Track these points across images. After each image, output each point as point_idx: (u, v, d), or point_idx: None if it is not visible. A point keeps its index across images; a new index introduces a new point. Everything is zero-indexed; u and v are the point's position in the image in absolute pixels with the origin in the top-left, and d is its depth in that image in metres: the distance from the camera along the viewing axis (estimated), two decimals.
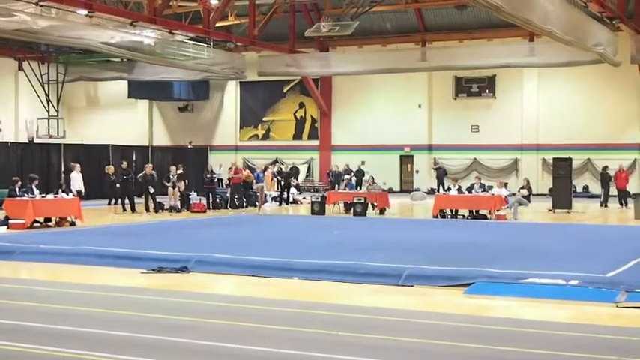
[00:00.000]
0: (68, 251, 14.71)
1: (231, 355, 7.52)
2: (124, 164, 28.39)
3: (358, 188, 32.34)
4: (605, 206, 29.56)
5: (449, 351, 7.60)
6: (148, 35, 30.12)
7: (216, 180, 31.41)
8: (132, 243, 15.90)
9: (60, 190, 23.02)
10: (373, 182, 28.71)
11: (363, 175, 36.39)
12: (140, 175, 27.29)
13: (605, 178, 30.44)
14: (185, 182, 27.78)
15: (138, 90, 44.15)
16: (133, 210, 26.37)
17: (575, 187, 32.51)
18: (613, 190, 30.35)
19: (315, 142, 43.89)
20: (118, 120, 46.18)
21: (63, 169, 32.76)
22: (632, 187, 31.95)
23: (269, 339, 7.99)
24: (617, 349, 7.70)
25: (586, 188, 37.59)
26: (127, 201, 26.75)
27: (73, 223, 21.31)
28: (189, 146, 43.47)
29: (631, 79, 35.95)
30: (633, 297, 10.08)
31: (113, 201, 28.51)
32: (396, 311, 9.62)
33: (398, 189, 41.05)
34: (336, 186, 34.79)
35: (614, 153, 35.97)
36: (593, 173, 36.88)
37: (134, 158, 35.80)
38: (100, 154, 35.37)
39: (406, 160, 42.11)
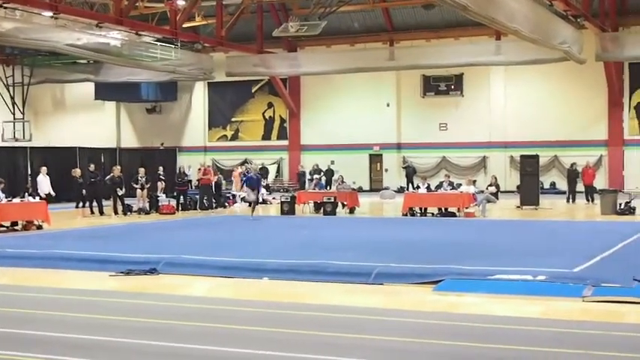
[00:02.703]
0: (35, 255, 14.53)
1: (203, 357, 7.50)
2: (92, 167, 28.18)
3: (328, 187, 32.35)
4: (573, 202, 29.86)
5: (420, 349, 7.64)
6: (114, 37, 29.93)
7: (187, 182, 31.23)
8: (100, 246, 15.76)
9: (26, 194, 22.79)
10: (343, 181, 28.71)
11: (333, 175, 36.37)
12: (108, 177, 27.06)
13: (572, 175, 30.74)
14: (163, 184, 27.65)
15: (105, 92, 43.77)
16: (102, 212, 26.14)
17: (542, 184, 32.88)
18: (580, 187, 30.66)
19: (285, 142, 43.86)
20: (85, 122, 45.64)
21: (29, 172, 32.39)
22: (598, 183, 32.28)
23: (240, 340, 7.97)
24: (584, 343, 7.79)
25: (553, 185, 37.95)
26: (95, 203, 26.51)
27: (40, 227, 21.08)
28: (160, 147, 43.18)
29: (597, 76, 36.26)
30: (599, 291, 10.20)
31: (81, 204, 28.25)
32: (367, 310, 9.64)
33: (367, 188, 41.11)
34: (305, 185, 34.73)
35: (580, 149, 36.27)
36: (560, 170, 37.24)
37: (102, 160, 35.51)
38: (68, 156, 34.86)
39: (375, 159, 42.23)
